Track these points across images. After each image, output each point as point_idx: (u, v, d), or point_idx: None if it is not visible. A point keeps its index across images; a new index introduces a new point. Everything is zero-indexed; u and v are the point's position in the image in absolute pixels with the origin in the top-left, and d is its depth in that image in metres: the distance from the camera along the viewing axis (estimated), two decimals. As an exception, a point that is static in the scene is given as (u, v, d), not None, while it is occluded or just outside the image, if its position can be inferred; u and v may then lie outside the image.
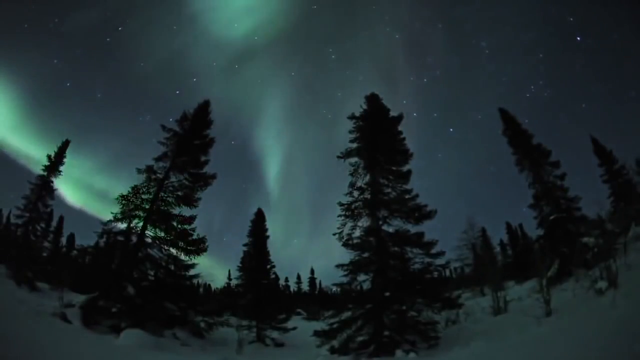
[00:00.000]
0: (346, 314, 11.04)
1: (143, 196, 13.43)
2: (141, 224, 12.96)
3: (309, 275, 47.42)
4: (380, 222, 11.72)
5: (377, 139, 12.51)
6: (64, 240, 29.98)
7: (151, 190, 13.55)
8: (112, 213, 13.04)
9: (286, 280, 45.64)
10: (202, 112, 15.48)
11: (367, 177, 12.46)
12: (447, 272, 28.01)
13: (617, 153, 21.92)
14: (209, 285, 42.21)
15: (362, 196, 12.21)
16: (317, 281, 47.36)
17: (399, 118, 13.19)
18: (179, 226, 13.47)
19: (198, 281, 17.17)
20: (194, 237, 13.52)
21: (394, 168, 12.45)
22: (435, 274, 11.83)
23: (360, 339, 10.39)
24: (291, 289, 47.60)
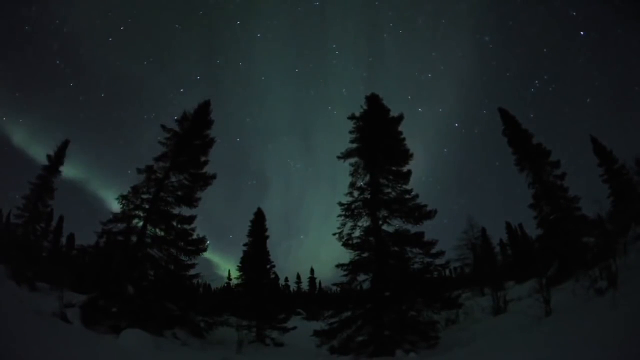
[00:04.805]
0: (346, 314, 11.05)
1: (143, 196, 13.42)
2: (141, 224, 12.95)
3: (309, 275, 47.41)
4: (381, 222, 11.72)
5: (377, 140, 12.52)
6: (64, 240, 29.95)
7: (151, 190, 13.54)
8: (112, 213, 13.09)
9: (286, 280, 45.63)
10: (203, 113, 15.46)
11: (367, 177, 12.47)
12: (447, 272, 28.04)
13: (620, 150, 21.88)
14: (209, 285, 42.22)
15: (362, 196, 12.22)
16: (317, 281, 47.34)
17: (399, 118, 13.19)
18: (179, 226, 13.46)
19: (198, 281, 17.14)
20: (194, 237, 13.52)
21: (394, 168, 12.45)
22: (435, 274, 11.84)
23: (360, 339, 10.40)
24: (291, 289, 47.61)
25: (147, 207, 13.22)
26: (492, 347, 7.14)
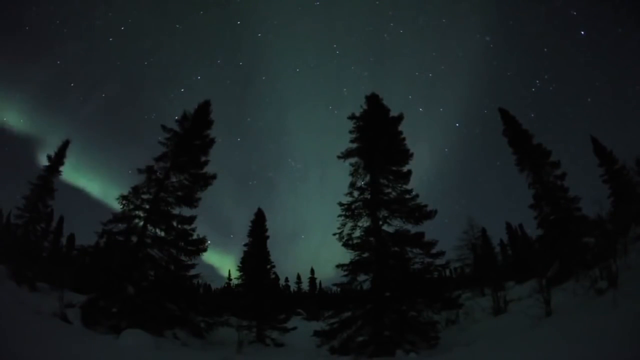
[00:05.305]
0: (346, 314, 11.05)
1: (143, 196, 13.40)
2: (141, 224, 12.95)
3: (309, 275, 47.38)
4: (381, 222, 11.72)
5: (377, 139, 12.52)
6: (64, 240, 29.94)
7: (151, 190, 13.53)
8: (112, 213, 13.10)
9: (286, 280, 45.62)
10: (203, 112, 15.44)
11: (367, 177, 12.48)
12: (447, 272, 28.04)
13: (620, 150, 21.98)
14: (209, 285, 42.27)
15: (362, 196, 12.22)
16: (317, 281, 47.31)
17: (399, 118, 13.19)
18: (179, 226, 13.45)
19: (198, 281, 17.14)
20: (194, 237, 13.50)
21: (394, 168, 12.45)
22: (435, 274, 11.83)
23: (360, 339, 10.40)
24: (291, 289, 47.59)
25: (147, 207, 13.19)
26: (492, 347, 7.14)
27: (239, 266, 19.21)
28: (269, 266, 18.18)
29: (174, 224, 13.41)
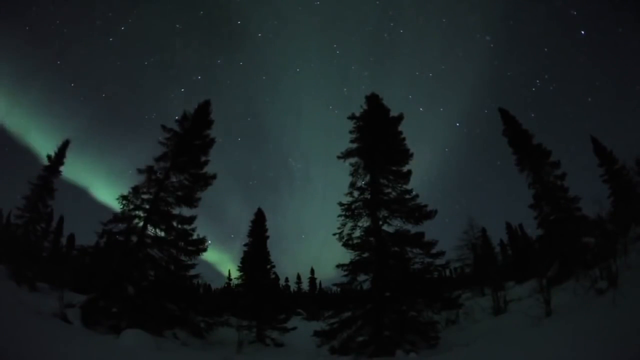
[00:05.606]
0: (346, 314, 11.05)
1: (143, 196, 13.40)
2: (141, 224, 12.95)
3: (309, 275, 47.38)
4: (381, 222, 11.72)
5: (377, 139, 12.52)
6: (64, 240, 29.92)
7: (151, 190, 13.53)
8: (112, 213, 13.10)
9: (286, 280, 45.62)
10: (203, 112, 15.44)
11: (367, 177, 12.48)
12: (447, 272, 28.05)
13: (620, 150, 21.93)
14: (209, 285, 42.32)
15: (362, 196, 12.22)
16: (317, 281, 47.32)
17: (399, 118, 13.19)
18: (179, 226, 13.45)
19: (198, 281, 17.13)
20: (194, 237, 13.51)
21: (394, 168, 12.46)
22: (435, 274, 11.83)
23: (360, 339, 10.40)
24: (291, 289, 47.60)
25: (147, 207, 13.19)
26: (492, 347, 7.15)
27: (239, 266, 19.21)
28: (269, 266, 18.17)
29: (174, 224, 13.41)
